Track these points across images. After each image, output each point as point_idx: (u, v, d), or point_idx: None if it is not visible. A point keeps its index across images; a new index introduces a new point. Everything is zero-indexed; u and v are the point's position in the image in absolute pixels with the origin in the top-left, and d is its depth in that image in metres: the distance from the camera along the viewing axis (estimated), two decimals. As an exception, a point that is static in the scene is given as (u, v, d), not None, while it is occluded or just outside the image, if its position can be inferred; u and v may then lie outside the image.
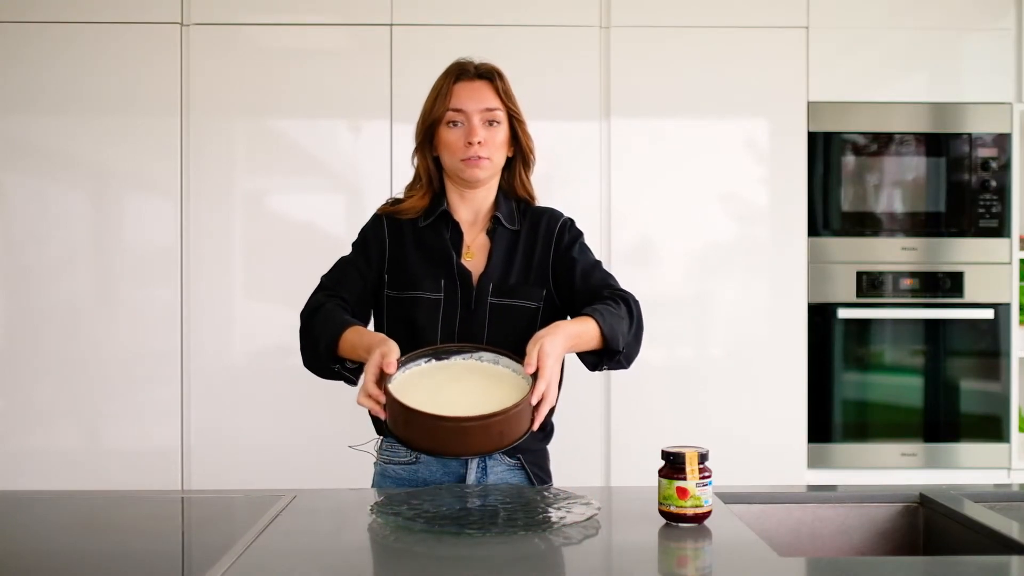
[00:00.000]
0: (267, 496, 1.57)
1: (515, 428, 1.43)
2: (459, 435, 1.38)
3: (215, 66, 2.81)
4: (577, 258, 1.76)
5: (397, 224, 1.77)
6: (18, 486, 2.63)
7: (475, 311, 1.71)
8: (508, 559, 1.23)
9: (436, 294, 1.71)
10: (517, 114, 1.75)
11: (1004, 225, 2.91)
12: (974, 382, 2.94)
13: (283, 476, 2.65)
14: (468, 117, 1.71)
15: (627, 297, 1.69)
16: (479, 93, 1.72)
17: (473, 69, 1.74)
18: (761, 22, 2.88)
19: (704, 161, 2.89)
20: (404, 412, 1.41)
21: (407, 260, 1.74)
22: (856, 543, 1.59)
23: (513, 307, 1.72)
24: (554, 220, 1.80)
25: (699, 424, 2.83)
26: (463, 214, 1.79)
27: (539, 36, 2.84)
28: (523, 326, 1.71)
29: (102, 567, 1.25)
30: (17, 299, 2.80)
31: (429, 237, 1.76)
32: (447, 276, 1.72)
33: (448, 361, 1.56)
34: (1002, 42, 2.92)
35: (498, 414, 1.39)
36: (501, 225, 1.77)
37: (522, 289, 1.73)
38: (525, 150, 1.78)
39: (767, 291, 2.89)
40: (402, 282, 1.73)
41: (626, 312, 1.65)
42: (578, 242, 1.79)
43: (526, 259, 1.76)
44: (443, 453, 1.43)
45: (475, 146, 1.69)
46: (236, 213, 2.84)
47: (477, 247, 1.76)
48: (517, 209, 1.81)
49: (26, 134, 2.81)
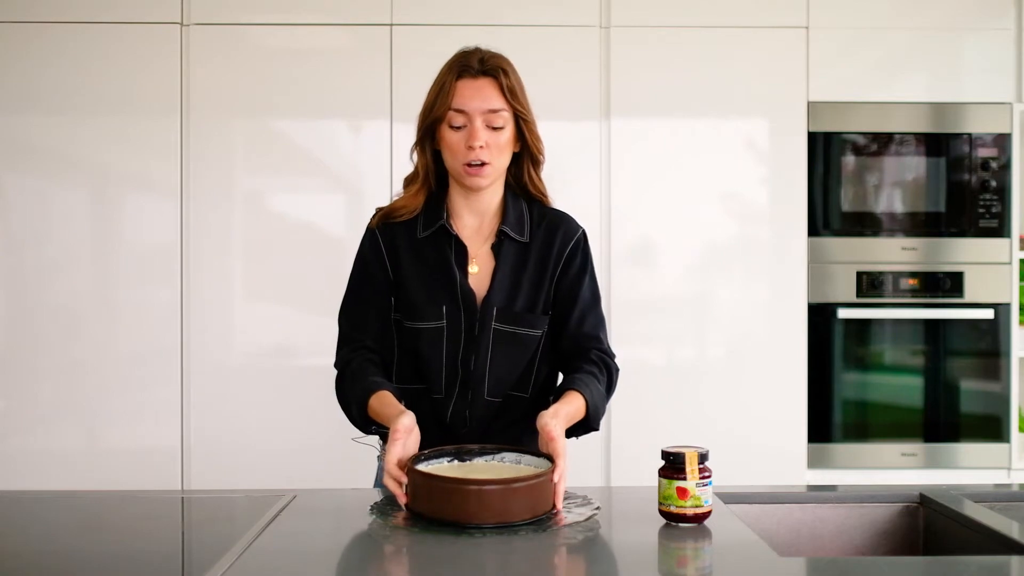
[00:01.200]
0: (267, 496, 1.57)
1: (539, 500, 1.38)
2: (481, 500, 1.33)
3: (215, 66, 2.82)
4: (580, 296, 1.69)
5: (393, 238, 1.68)
6: (18, 486, 2.63)
7: (479, 337, 1.65)
8: (508, 559, 1.23)
9: (438, 322, 1.64)
10: (523, 113, 1.64)
11: (1004, 225, 2.91)
12: (974, 382, 2.94)
13: (283, 476, 2.65)
14: (470, 118, 1.61)
15: (610, 366, 1.68)
16: (482, 92, 1.61)
17: (477, 65, 1.62)
18: (761, 22, 2.88)
19: (704, 161, 2.89)
20: (426, 481, 1.37)
21: (408, 280, 1.67)
22: (856, 543, 1.59)
23: (518, 335, 1.66)
24: (568, 237, 1.71)
25: (699, 424, 2.83)
26: (467, 219, 1.70)
27: (539, 36, 2.84)
28: (527, 353, 1.68)
29: (102, 567, 1.25)
30: (17, 299, 2.80)
31: (429, 251, 1.67)
32: (449, 299, 1.65)
33: (470, 463, 1.51)
34: (1002, 42, 2.93)
35: (522, 479, 1.36)
36: (508, 238, 1.68)
37: (529, 316, 1.67)
38: (533, 150, 1.68)
39: (767, 291, 2.89)
40: (405, 308, 1.67)
41: (606, 385, 1.67)
42: (587, 272, 1.72)
43: (535, 281, 1.68)
44: (466, 520, 1.34)
45: (476, 151, 1.60)
46: (236, 213, 2.84)
47: (483, 259, 1.68)
48: (528, 213, 1.71)
49: (26, 134, 2.81)
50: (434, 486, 1.36)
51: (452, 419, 1.67)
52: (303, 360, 2.81)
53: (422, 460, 1.47)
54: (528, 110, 1.66)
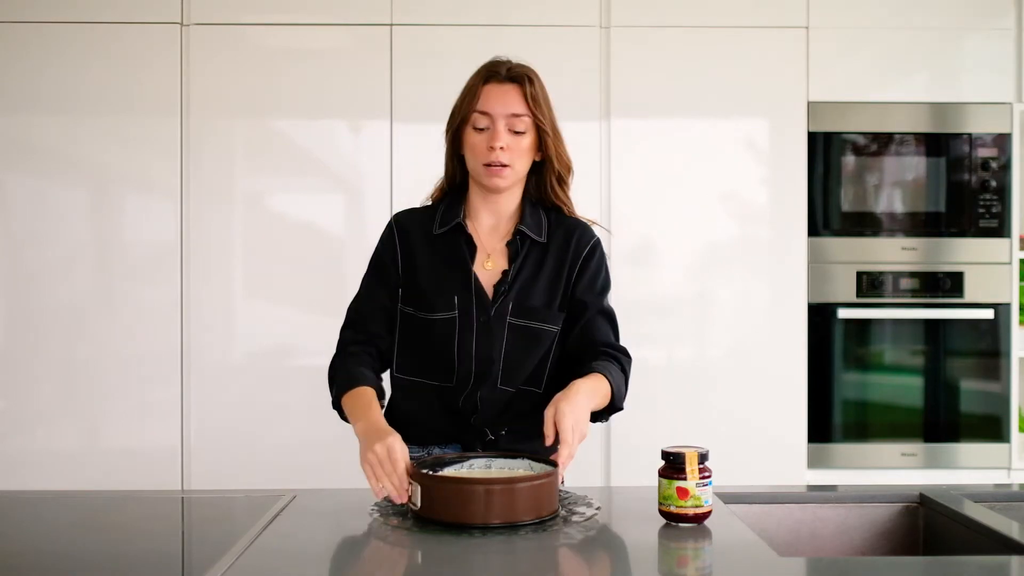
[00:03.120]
0: (267, 496, 1.57)
1: (544, 500, 1.37)
2: (488, 499, 1.33)
3: (215, 66, 2.81)
4: (591, 303, 1.71)
5: (408, 231, 1.72)
6: (18, 486, 2.63)
7: (493, 329, 1.67)
8: (508, 559, 1.23)
9: (451, 312, 1.67)
10: (543, 123, 1.68)
11: (1004, 225, 2.91)
12: (974, 382, 2.94)
13: (283, 476, 2.65)
14: (493, 121, 1.65)
15: (619, 358, 1.69)
16: (507, 97, 1.66)
17: (505, 71, 1.68)
18: (761, 22, 2.88)
19: (704, 161, 2.89)
20: (432, 483, 1.36)
21: (420, 272, 1.70)
22: (856, 543, 1.59)
23: (532, 329, 1.69)
24: (584, 240, 1.74)
25: (699, 424, 2.83)
26: (484, 218, 1.73)
27: (539, 36, 2.84)
28: (541, 349, 1.70)
29: (102, 567, 1.25)
30: (17, 299, 2.80)
31: (443, 246, 1.71)
32: (462, 290, 1.67)
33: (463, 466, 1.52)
34: (1002, 42, 2.93)
35: (527, 479, 1.36)
36: (526, 236, 1.70)
37: (545, 312, 1.69)
38: (553, 161, 1.71)
39: (767, 291, 2.89)
40: (415, 300, 1.69)
41: (620, 370, 1.67)
42: (600, 278, 1.74)
43: (552, 279, 1.71)
44: (471, 521, 1.33)
45: (497, 152, 1.64)
46: (236, 213, 2.84)
47: (496, 255, 1.71)
48: (547, 219, 1.74)
49: (26, 134, 2.81)
50: (441, 487, 1.35)
51: (464, 405, 1.69)
52: (303, 360, 2.81)
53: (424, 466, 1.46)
54: (549, 121, 1.70)
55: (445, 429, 1.71)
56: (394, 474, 1.41)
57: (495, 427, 1.70)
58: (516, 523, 1.34)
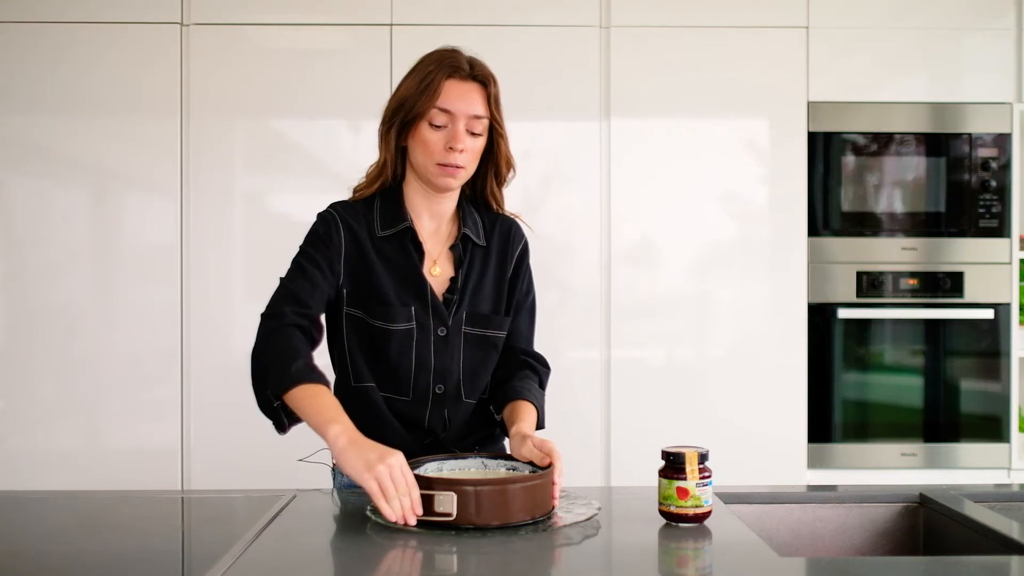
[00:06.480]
0: (267, 496, 1.57)
1: (537, 501, 1.38)
2: (479, 501, 1.32)
3: (215, 66, 2.82)
4: (520, 302, 1.72)
5: (352, 229, 1.63)
6: (18, 486, 2.63)
7: (450, 341, 1.63)
8: (508, 559, 1.23)
9: (408, 324, 1.60)
10: (499, 126, 1.62)
11: (1004, 225, 2.91)
12: (974, 382, 2.94)
13: (283, 476, 2.64)
14: (454, 120, 1.57)
15: (535, 367, 1.71)
16: (470, 96, 1.58)
17: (467, 68, 1.59)
18: (761, 22, 2.88)
19: (704, 161, 2.89)
20: (472, 488, 1.34)
21: (371, 278, 1.61)
22: (856, 543, 1.59)
23: (487, 337, 1.67)
24: (518, 239, 1.73)
25: (699, 424, 2.83)
26: (426, 221, 1.66)
27: (539, 36, 2.84)
28: (495, 354, 1.69)
29: (102, 567, 1.25)
30: (17, 299, 2.80)
31: (392, 252, 1.62)
32: (418, 302, 1.61)
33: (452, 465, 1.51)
34: (1002, 42, 2.93)
35: (520, 479, 1.35)
36: (468, 239, 1.67)
37: (496, 318, 1.67)
38: (500, 163, 1.66)
39: (767, 291, 2.89)
40: (365, 304, 1.61)
41: (540, 386, 1.70)
42: (529, 276, 1.74)
43: (497, 282, 1.69)
44: (475, 522, 1.32)
45: (456, 153, 1.57)
46: (236, 213, 2.84)
47: (442, 260, 1.66)
48: (480, 218, 1.71)
49: (26, 134, 2.81)
50: (481, 492, 1.33)
51: (431, 423, 1.65)
52: (303, 360, 2.80)
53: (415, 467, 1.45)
54: (503, 125, 1.64)
55: (406, 446, 1.52)
56: (407, 495, 1.32)
57: (463, 444, 1.68)
58: (518, 523, 1.34)
